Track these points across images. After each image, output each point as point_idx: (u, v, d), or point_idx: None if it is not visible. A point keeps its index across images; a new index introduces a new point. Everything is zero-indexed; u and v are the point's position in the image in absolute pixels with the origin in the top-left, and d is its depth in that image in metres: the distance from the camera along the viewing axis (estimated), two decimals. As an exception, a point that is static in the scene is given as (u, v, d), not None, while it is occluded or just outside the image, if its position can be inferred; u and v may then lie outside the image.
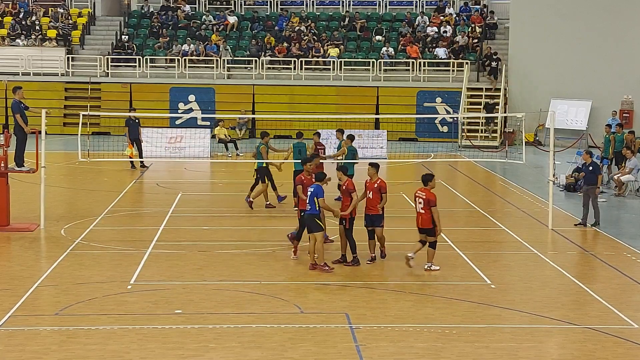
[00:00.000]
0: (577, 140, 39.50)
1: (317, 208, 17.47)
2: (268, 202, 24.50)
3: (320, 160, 23.73)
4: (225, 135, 37.71)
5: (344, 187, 18.23)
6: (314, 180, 17.97)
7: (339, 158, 24.38)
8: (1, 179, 21.37)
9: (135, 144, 32.33)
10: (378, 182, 18.07)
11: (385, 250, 18.58)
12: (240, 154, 36.39)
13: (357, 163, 24.46)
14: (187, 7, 49.22)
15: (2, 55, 44.67)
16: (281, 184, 25.05)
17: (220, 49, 44.56)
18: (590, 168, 22.82)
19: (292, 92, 43.43)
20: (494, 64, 42.64)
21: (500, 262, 19.00)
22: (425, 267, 17.74)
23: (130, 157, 31.99)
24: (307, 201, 17.54)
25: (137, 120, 32.43)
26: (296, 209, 19.53)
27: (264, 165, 24.13)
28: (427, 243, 17.70)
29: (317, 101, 42.59)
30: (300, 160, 23.39)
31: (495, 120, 40.95)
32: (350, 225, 18.00)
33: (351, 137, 24.65)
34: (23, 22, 46.97)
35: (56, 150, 34.25)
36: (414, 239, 21.12)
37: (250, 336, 13.66)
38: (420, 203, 17.59)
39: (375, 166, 18.29)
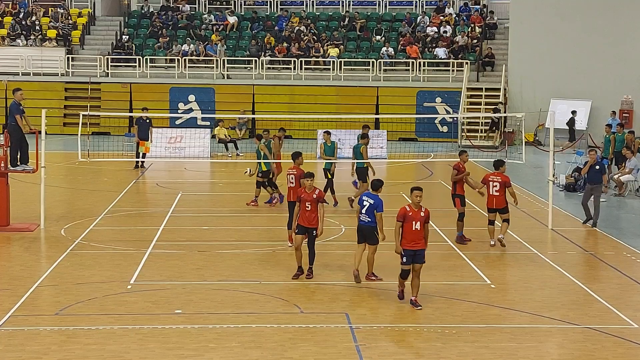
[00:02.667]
0: (577, 140, 39.49)
1: (376, 220, 16.33)
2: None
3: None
4: (225, 135, 37.72)
5: (313, 195, 16.82)
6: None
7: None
8: (1, 179, 21.38)
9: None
10: (424, 211, 15.21)
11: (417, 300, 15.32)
12: (240, 154, 36.37)
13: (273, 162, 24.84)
14: (187, 7, 49.23)
15: (2, 55, 44.70)
16: (281, 184, 24.94)
17: (218, 48, 44.56)
18: (597, 167, 22.76)
19: (292, 92, 43.44)
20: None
21: (500, 262, 19.00)
22: (500, 237, 19.84)
23: (145, 152, 32.20)
24: (365, 212, 16.37)
25: (148, 120, 32.46)
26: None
27: (365, 165, 24.26)
28: (502, 220, 19.91)
29: (317, 101, 42.60)
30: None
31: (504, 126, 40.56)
32: (316, 236, 16.95)
33: (259, 137, 25.19)
34: (23, 22, 46.97)
35: (56, 150, 34.26)
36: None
37: (250, 336, 13.66)
38: (495, 186, 19.67)
39: (421, 190, 15.38)
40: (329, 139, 25.15)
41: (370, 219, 16.34)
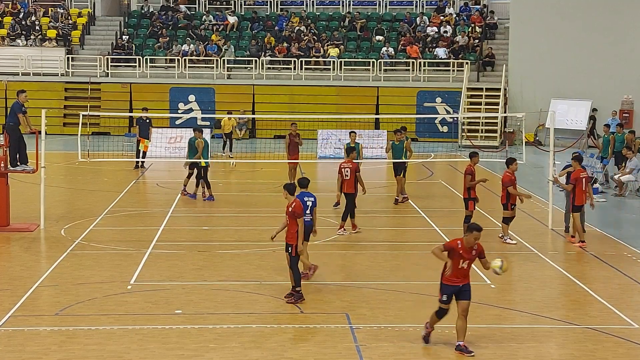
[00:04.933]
0: (577, 140, 39.50)
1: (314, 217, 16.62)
2: (400, 197, 25.71)
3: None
4: (233, 127, 37.32)
5: (289, 209, 15.48)
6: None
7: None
8: (1, 179, 21.37)
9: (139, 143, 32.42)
10: (477, 248, 13.19)
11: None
12: (232, 156, 35.85)
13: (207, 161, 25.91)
14: (187, 7, 49.22)
15: (2, 55, 44.69)
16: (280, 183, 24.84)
17: (223, 49, 44.56)
18: None
19: (292, 92, 43.44)
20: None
21: (500, 262, 18.97)
22: (500, 235, 20.54)
23: (145, 151, 32.25)
24: (309, 212, 16.38)
25: (148, 120, 32.46)
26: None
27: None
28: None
29: (317, 101, 42.60)
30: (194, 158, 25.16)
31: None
32: (295, 253, 15.56)
33: (200, 130, 26.11)
34: (23, 22, 46.96)
35: (56, 150, 34.26)
36: (413, 239, 21.20)
37: (250, 336, 13.66)
38: (501, 183, 20.65)
39: (480, 230, 13.10)
40: (353, 140, 24.95)
41: (312, 217, 16.59)
